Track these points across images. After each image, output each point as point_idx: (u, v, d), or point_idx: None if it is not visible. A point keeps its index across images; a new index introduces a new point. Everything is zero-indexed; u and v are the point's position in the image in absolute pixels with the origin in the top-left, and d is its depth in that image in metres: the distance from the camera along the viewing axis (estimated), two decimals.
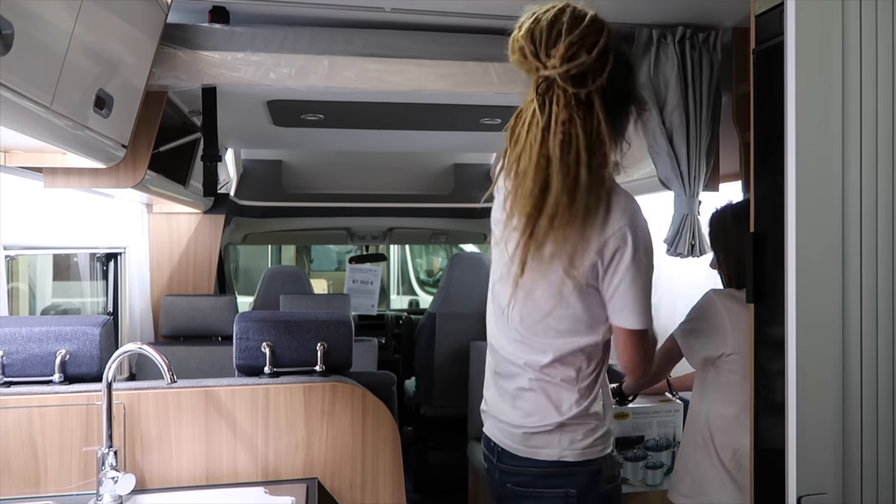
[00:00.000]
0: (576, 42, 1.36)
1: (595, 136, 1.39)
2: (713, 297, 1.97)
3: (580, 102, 1.38)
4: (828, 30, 1.24)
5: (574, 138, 1.38)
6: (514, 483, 1.63)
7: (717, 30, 2.34)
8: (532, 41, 1.37)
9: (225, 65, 2.15)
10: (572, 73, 1.36)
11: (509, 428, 1.62)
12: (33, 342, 1.79)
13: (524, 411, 1.59)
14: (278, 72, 2.18)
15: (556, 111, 1.38)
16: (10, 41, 1.18)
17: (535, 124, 1.39)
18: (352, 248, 7.13)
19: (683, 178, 2.37)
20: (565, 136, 1.38)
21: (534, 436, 1.59)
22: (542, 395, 1.58)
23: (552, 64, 1.36)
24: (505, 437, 1.63)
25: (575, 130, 1.38)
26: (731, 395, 1.93)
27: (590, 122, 1.39)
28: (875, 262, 1.27)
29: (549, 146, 1.38)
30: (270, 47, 2.18)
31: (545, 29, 1.37)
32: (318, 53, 2.20)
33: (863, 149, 1.26)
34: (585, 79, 1.37)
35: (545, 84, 1.38)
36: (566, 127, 1.38)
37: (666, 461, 2.51)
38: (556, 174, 1.38)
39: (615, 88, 1.42)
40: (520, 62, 1.41)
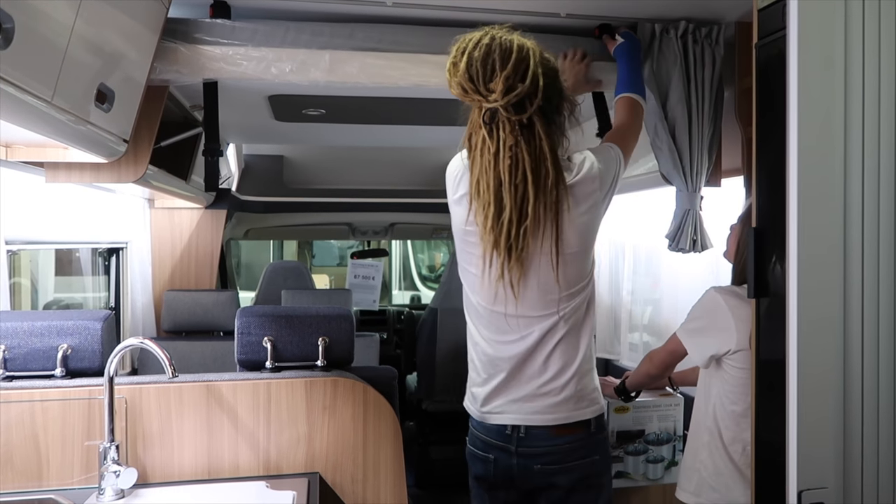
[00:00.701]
0: (510, 75, 1.50)
1: (539, 153, 1.56)
2: (715, 294, 1.96)
3: (523, 126, 1.54)
4: (830, 24, 1.24)
5: (521, 161, 1.54)
6: (543, 463, 1.69)
7: (720, 24, 2.33)
8: (470, 80, 1.52)
9: (226, 59, 2.15)
10: (513, 103, 1.51)
11: (532, 404, 1.69)
12: (35, 337, 1.79)
13: (552, 372, 1.69)
14: (279, 66, 2.17)
15: (503, 137, 1.54)
16: (11, 35, 1.17)
17: (487, 150, 1.55)
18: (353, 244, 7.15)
19: (685, 173, 2.36)
20: (512, 160, 1.54)
21: (565, 399, 1.69)
22: (565, 346, 1.69)
23: (493, 98, 1.51)
24: (528, 414, 1.70)
25: (521, 154, 1.54)
26: (739, 392, 1.92)
27: (533, 142, 1.55)
28: (877, 257, 1.26)
29: (499, 170, 1.54)
30: (272, 42, 2.17)
31: (479, 66, 1.51)
32: (319, 48, 2.19)
33: (865, 143, 1.25)
34: (524, 104, 1.53)
35: (489, 113, 1.54)
36: (513, 151, 1.54)
37: (667, 455, 2.52)
38: (506, 194, 1.55)
39: (549, 100, 1.57)
40: (461, 96, 1.56)
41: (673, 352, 2.12)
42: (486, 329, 1.73)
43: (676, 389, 2.54)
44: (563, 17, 2.26)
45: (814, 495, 1.22)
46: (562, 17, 2.26)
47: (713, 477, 1.96)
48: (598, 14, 2.29)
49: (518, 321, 1.68)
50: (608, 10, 2.26)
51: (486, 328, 1.73)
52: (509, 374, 1.71)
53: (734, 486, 1.93)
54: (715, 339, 1.93)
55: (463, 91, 1.53)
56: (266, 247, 8.53)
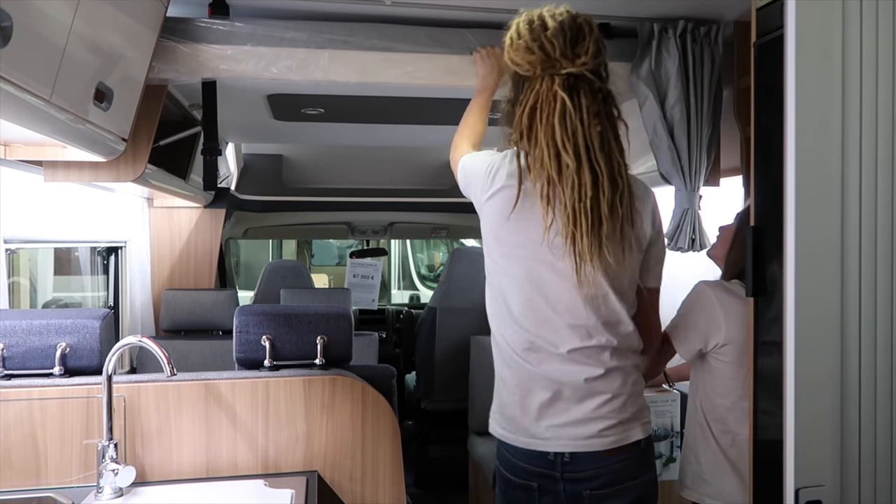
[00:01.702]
0: (597, 39, 1.51)
1: (617, 124, 1.54)
2: (704, 288, 1.97)
3: (605, 95, 1.52)
4: (828, 23, 1.24)
5: (606, 128, 1.51)
6: (592, 488, 1.58)
7: (719, 23, 2.33)
8: (561, 39, 1.48)
9: (225, 58, 2.15)
10: (595, 69, 1.50)
11: (581, 428, 1.56)
12: (34, 335, 1.79)
13: (603, 398, 1.57)
14: (278, 65, 2.17)
15: (586, 104, 1.48)
16: (10, 34, 1.17)
17: (569, 118, 1.47)
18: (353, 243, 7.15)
19: (684, 173, 2.36)
20: (602, 127, 1.50)
21: (615, 424, 1.58)
22: (620, 373, 1.61)
23: (582, 61, 1.47)
24: (575, 440, 1.56)
25: (605, 121, 1.51)
26: (726, 386, 1.94)
27: (612, 112, 1.53)
28: (874, 255, 1.27)
29: (587, 137, 1.48)
30: (270, 41, 2.17)
31: (570, 29, 1.49)
32: (318, 47, 2.19)
33: (862, 142, 1.26)
34: (602, 74, 1.52)
35: (571, 79, 1.48)
36: (600, 118, 1.50)
37: (665, 451, 2.52)
38: (599, 163, 1.48)
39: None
40: (539, 60, 1.49)
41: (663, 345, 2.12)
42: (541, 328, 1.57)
43: (672, 385, 2.54)
44: None
45: (811, 493, 1.22)
46: None
47: (706, 470, 1.98)
48: (598, 13, 2.28)
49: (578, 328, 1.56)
50: (608, 10, 2.26)
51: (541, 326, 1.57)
52: (555, 394, 1.57)
53: (725, 479, 1.94)
54: (702, 333, 1.94)
55: (544, 54, 1.47)
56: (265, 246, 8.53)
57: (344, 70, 2.21)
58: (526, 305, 1.58)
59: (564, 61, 1.47)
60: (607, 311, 1.59)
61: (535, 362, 1.58)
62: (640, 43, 2.34)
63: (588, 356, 1.57)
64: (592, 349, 1.58)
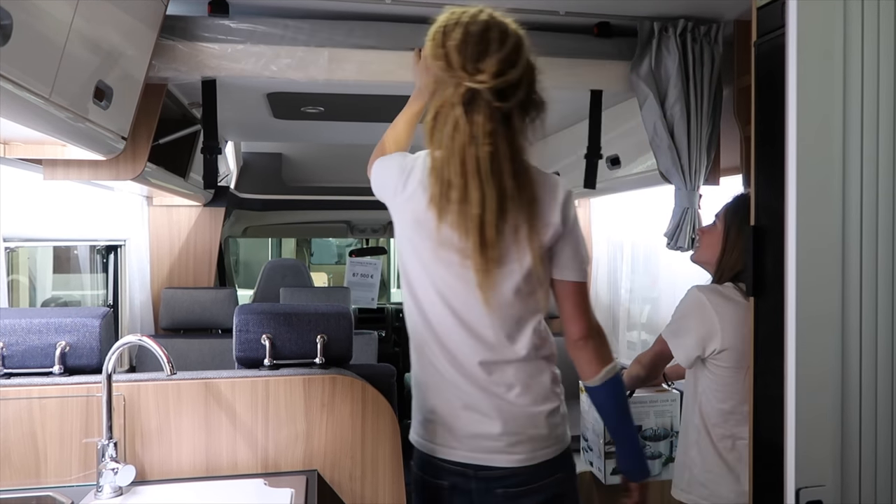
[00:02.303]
0: (504, 59, 1.41)
1: (516, 146, 1.47)
2: (698, 294, 1.95)
3: (502, 115, 1.43)
4: (829, 22, 1.24)
5: (499, 150, 1.44)
6: (506, 486, 1.58)
7: (719, 22, 2.33)
8: (462, 53, 1.42)
9: (225, 56, 2.15)
10: (498, 88, 1.41)
11: (490, 442, 1.57)
12: (33, 334, 1.79)
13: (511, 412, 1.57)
14: (278, 64, 2.17)
15: (480, 122, 1.42)
16: (9, 32, 1.17)
17: (460, 133, 1.43)
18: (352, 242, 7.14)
19: (684, 172, 2.36)
20: (492, 148, 1.43)
21: (523, 441, 1.57)
22: (527, 386, 1.58)
23: (481, 79, 1.40)
24: (484, 451, 1.57)
25: (500, 142, 1.44)
26: (725, 390, 1.93)
27: (510, 133, 1.45)
28: (875, 255, 1.27)
29: (476, 157, 1.42)
30: (270, 39, 2.17)
31: (474, 44, 1.42)
32: (318, 45, 2.19)
33: (864, 142, 1.26)
34: (508, 94, 1.43)
35: (469, 94, 1.42)
36: (492, 139, 1.43)
37: (664, 451, 2.52)
38: (486, 183, 1.43)
39: (528, 98, 1.48)
40: (443, 69, 1.45)
41: (659, 353, 2.12)
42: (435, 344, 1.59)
43: (671, 385, 2.54)
44: (562, 15, 2.26)
45: (812, 493, 1.22)
46: (561, 15, 2.26)
47: (703, 473, 1.97)
48: (598, 12, 2.29)
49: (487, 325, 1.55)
50: (608, 9, 2.26)
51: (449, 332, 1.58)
52: (465, 405, 1.59)
53: (723, 483, 1.94)
54: (699, 339, 1.93)
55: (447, 64, 1.43)
56: (264, 244, 8.53)
57: (344, 68, 2.21)
58: (434, 312, 1.59)
59: (465, 75, 1.41)
60: (508, 326, 1.57)
61: (445, 371, 1.58)
62: (640, 42, 2.34)
63: (492, 370, 1.57)
64: (498, 364, 1.57)
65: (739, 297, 1.91)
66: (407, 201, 1.56)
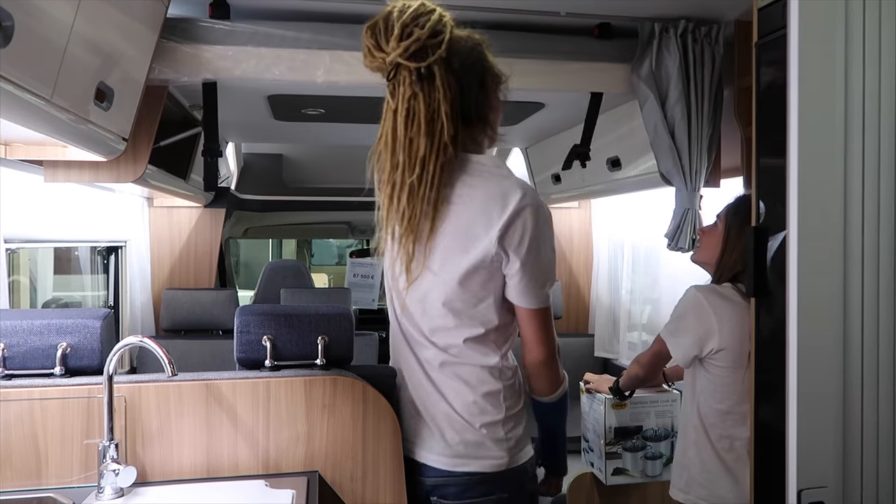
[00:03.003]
0: (408, 23, 1.40)
1: (437, 106, 1.43)
2: (696, 294, 1.96)
3: (422, 77, 1.42)
4: (831, 23, 1.24)
5: (416, 113, 1.42)
6: (439, 496, 1.60)
7: (719, 23, 2.34)
8: (373, 36, 1.44)
9: (226, 59, 2.15)
10: (412, 51, 1.40)
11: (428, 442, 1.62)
12: (34, 335, 1.79)
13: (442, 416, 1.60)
14: (280, 66, 2.17)
15: (402, 91, 1.43)
16: (11, 33, 1.17)
17: (388, 109, 1.45)
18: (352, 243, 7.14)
19: (685, 173, 2.36)
20: (409, 112, 1.42)
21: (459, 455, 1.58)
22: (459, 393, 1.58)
23: (391, 47, 1.41)
24: (428, 448, 1.62)
25: (417, 105, 1.42)
26: (723, 390, 1.93)
27: (432, 94, 1.42)
28: (877, 256, 1.26)
29: (395, 123, 1.43)
30: (271, 42, 2.17)
31: (381, 22, 1.43)
32: (320, 48, 2.19)
33: (865, 142, 1.26)
34: (425, 54, 1.41)
35: (394, 71, 1.43)
36: (410, 103, 1.42)
37: (665, 451, 2.52)
38: (400, 148, 1.43)
39: (461, 62, 1.46)
40: (370, 63, 1.46)
41: (658, 353, 2.12)
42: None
43: (672, 385, 2.55)
44: (563, 16, 2.26)
45: (813, 494, 1.22)
46: (562, 16, 2.26)
47: (701, 474, 1.98)
48: (599, 13, 2.29)
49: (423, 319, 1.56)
50: (608, 9, 2.26)
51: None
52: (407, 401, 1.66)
53: (721, 483, 1.94)
54: (697, 339, 1.93)
55: (368, 53, 1.44)
56: (265, 245, 8.53)
57: (346, 71, 2.21)
58: (394, 305, 1.64)
59: (382, 55, 1.43)
60: (434, 322, 1.56)
61: (402, 361, 1.66)
62: (641, 43, 2.34)
63: (430, 371, 1.60)
64: (438, 365, 1.58)
65: (738, 297, 1.91)
66: None
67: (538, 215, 1.47)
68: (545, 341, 1.55)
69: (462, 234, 1.47)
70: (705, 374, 1.96)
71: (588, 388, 2.59)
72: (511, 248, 1.46)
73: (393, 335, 1.71)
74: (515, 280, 1.49)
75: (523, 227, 1.45)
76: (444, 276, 1.50)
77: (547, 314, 1.55)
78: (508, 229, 1.45)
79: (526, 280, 1.49)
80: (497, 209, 1.45)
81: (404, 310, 1.60)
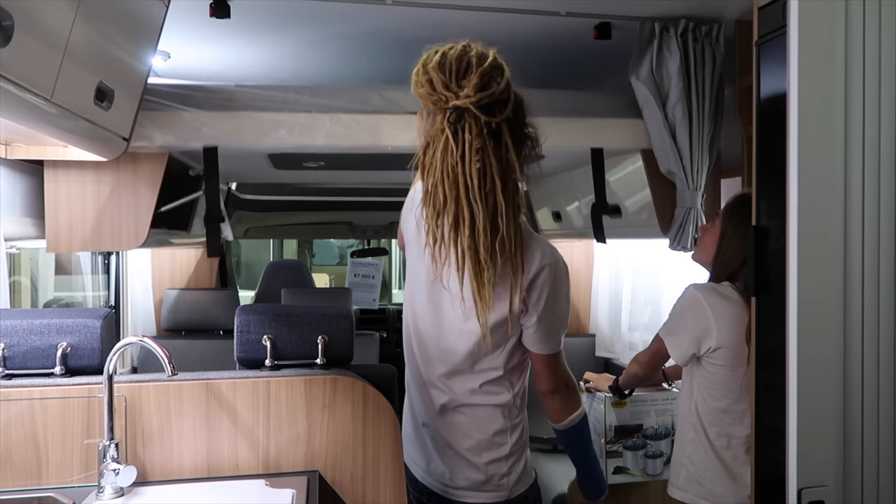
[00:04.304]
0: (486, 73, 1.40)
1: (506, 163, 1.44)
2: (694, 292, 1.96)
3: (491, 132, 1.42)
4: (831, 22, 1.23)
5: (489, 166, 1.42)
6: None
7: (720, 23, 2.33)
8: (443, 72, 1.42)
9: (227, 124, 2.16)
10: (483, 103, 1.40)
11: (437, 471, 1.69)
12: (34, 335, 1.79)
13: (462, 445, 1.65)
14: (279, 131, 2.19)
15: (469, 139, 1.41)
16: (11, 32, 1.17)
17: (450, 153, 1.42)
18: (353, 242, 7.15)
19: (686, 172, 2.36)
20: (481, 164, 1.41)
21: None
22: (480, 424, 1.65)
23: (465, 94, 1.39)
24: (429, 472, 1.70)
25: (489, 158, 1.42)
26: (720, 389, 1.94)
27: (500, 150, 1.43)
28: (877, 255, 1.26)
29: (467, 174, 1.41)
30: (272, 105, 2.20)
31: (454, 62, 1.42)
32: (319, 111, 2.20)
33: (865, 141, 1.25)
34: (494, 109, 1.41)
35: (456, 114, 1.41)
36: (481, 155, 1.41)
37: (665, 450, 2.52)
38: (476, 202, 1.42)
39: (518, 123, 1.48)
40: (427, 94, 1.44)
41: (657, 352, 2.12)
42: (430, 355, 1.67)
43: (671, 384, 2.55)
44: (563, 16, 2.26)
45: (814, 493, 1.22)
46: (562, 16, 2.26)
47: (699, 472, 1.98)
48: (599, 13, 2.29)
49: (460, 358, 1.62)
50: (609, 9, 2.26)
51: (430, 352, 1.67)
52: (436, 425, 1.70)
53: (719, 481, 1.95)
54: (695, 338, 1.94)
55: (431, 88, 1.42)
56: (266, 245, 8.53)
57: (346, 134, 2.22)
58: (417, 339, 1.68)
59: (449, 94, 1.41)
60: (454, 368, 1.63)
61: (423, 392, 1.70)
62: (641, 43, 2.33)
63: (447, 408, 1.66)
64: (443, 405, 1.65)
65: (736, 295, 1.91)
66: (408, 229, 1.65)
67: (557, 273, 1.56)
68: (555, 376, 1.64)
69: (502, 289, 1.53)
70: (703, 373, 1.97)
71: (588, 387, 2.59)
72: (531, 304, 1.55)
73: (409, 369, 1.75)
74: (532, 330, 1.59)
75: (542, 284, 1.54)
76: (470, 326, 1.56)
77: (559, 355, 1.64)
78: (531, 288, 1.53)
79: (542, 331, 1.58)
80: (520, 269, 1.52)
81: (423, 353, 1.66)
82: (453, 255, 1.47)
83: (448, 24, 2.33)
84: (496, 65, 1.43)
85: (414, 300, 1.68)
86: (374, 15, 2.24)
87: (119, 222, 2.24)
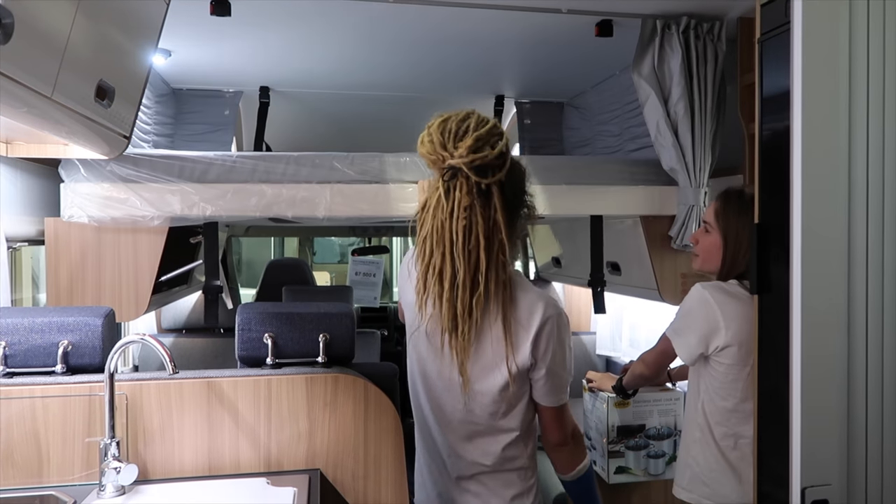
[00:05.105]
0: (482, 137, 1.46)
1: (492, 223, 1.49)
2: (701, 291, 1.94)
3: (481, 192, 1.48)
4: (834, 18, 1.23)
5: (475, 224, 1.48)
6: None
7: (722, 20, 2.33)
8: (442, 133, 1.48)
9: (227, 196, 2.21)
10: (476, 164, 1.45)
11: None
12: (36, 333, 1.79)
13: None
14: (280, 204, 2.24)
15: (458, 197, 1.48)
16: (11, 30, 1.17)
17: (441, 209, 1.49)
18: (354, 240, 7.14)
19: (688, 169, 2.36)
20: (467, 222, 1.48)
21: None
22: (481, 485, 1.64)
23: (459, 153, 1.46)
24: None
25: (475, 217, 1.48)
26: (728, 388, 1.92)
27: (488, 210, 1.49)
28: (881, 252, 1.26)
29: (453, 230, 1.48)
30: (272, 177, 2.24)
31: (455, 125, 1.48)
32: (319, 182, 2.25)
33: (869, 138, 1.25)
34: (486, 171, 1.47)
35: (450, 173, 1.48)
36: (468, 213, 1.48)
37: (668, 450, 2.51)
38: (459, 258, 1.48)
39: (512, 188, 1.54)
40: (428, 153, 1.50)
41: (663, 352, 2.11)
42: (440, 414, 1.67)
43: (675, 384, 2.54)
44: (564, 13, 2.26)
45: (818, 492, 1.22)
46: (563, 13, 2.25)
47: (705, 472, 1.97)
48: (600, 10, 2.28)
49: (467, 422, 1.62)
50: (610, 6, 2.26)
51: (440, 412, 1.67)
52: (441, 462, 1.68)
53: (725, 482, 1.94)
54: (702, 337, 1.92)
55: (431, 147, 1.49)
56: (267, 243, 8.53)
57: (346, 204, 2.26)
58: (416, 392, 1.71)
59: (446, 154, 1.47)
60: (472, 431, 1.63)
61: (426, 445, 1.70)
62: (643, 40, 2.33)
63: (454, 464, 1.65)
64: (460, 458, 1.64)
65: (744, 293, 1.90)
66: (407, 285, 1.67)
67: (559, 324, 1.59)
68: (562, 428, 1.67)
69: (499, 346, 1.55)
70: (710, 372, 1.95)
71: (590, 387, 2.59)
72: (538, 356, 1.57)
73: (420, 432, 1.74)
74: (540, 384, 1.61)
75: (548, 337, 1.57)
76: (483, 386, 1.58)
77: (565, 407, 1.67)
78: (537, 341, 1.56)
79: (550, 384, 1.61)
80: (525, 323, 1.55)
81: (438, 417, 1.66)
82: (437, 306, 1.53)
83: (449, 22, 2.33)
84: (495, 132, 1.49)
85: (423, 367, 1.69)
86: (375, 13, 2.24)
87: (119, 295, 2.30)
